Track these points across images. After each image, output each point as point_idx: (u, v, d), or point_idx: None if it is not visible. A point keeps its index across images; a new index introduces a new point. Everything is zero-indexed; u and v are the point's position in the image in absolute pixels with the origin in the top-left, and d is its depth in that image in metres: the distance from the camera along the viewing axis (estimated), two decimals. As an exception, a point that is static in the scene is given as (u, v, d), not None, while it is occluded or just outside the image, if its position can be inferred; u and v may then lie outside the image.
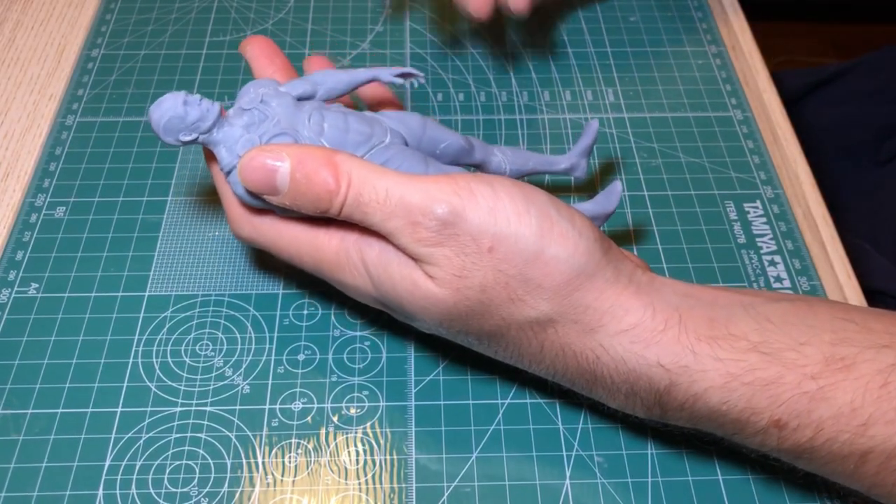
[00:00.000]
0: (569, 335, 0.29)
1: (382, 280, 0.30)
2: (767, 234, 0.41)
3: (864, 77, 0.69)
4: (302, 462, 0.33)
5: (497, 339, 0.30)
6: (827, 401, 0.27)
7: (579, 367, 0.30)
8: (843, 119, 0.67)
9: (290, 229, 0.32)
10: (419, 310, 0.30)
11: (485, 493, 0.32)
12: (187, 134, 0.31)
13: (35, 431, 0.33)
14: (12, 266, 0.39)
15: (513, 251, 0.28)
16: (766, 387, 0.28)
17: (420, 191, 0.28)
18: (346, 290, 0.32)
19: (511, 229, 0.28)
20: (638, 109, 0.47)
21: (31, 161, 0.44)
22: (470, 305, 0.29)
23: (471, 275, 0.28)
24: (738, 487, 0.32)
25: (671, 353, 0.28)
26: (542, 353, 0.30)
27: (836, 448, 0.28)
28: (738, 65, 0.50)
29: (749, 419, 0.28)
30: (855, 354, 0.28)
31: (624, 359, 0.28)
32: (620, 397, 0.30)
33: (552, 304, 0.28)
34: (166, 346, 0.36)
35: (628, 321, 0.28)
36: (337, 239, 0.31)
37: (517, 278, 0.28)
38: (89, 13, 0.53)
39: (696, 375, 0.28)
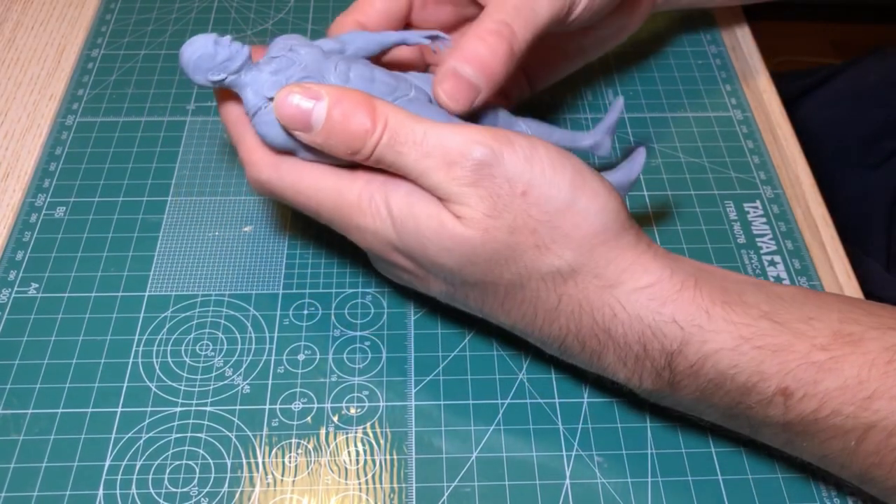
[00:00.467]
0: (588, 289, 0.30)
1: (406, 222, 0.30)
2: (767, 234, 0.41)
3: (854, 80, 0.69)
4: (302, 462, 0.33)
5: (514, 293, 0.30)
6: (834, 372, 0.28)
7: (594, 325, 0.30)
8: (833, 122, 0.67)
9: (313, 171, 0.31)
10: (442, 252, 0.29)
11: (485, 493, 0.32)
12: (216, 73, 0.31)
13: (35, 431, 0.33)
14: (12, 266, 0.39)
15: (545, 198, 0.29)
16: (776, 353, 0.28)
17: (458, 134, 0.29)
18: (363, 237, 0.31)
19: (546, 178, 0.29)
20: (638, 109, 0.47)
21: (32, 161, 0.44)
22: (496, 248, 0.29)
23: (501, 216, 0.29)
24: (738, 487, 0.32)
25: (686, 312, 0.29)
26: (559, 309, 0.30)
27: (839, 422, 0.28)
28: (738, 65, 0.50)
29: (756, 385, 0.28)
30: (862, 332, 0.28)
31: (640, 315, 0.29)
32: (630, 362, 0.30)
33: (576, 255, 0.29)
34: (166, 346, 0.36)
35: (647, 279, 0.29)
36: (361, 182, 0.31)
37: (546, 225, 0.29)
38: (89, 13, 0.53)
39: (709, 336, 0.29)
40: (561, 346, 0.32)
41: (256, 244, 0.40)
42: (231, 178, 0.43)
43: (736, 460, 0.33)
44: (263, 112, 0.31)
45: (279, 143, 0.32)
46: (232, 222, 0.41)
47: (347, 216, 0.31)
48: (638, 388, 0.31)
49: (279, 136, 0.31)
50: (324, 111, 0.30)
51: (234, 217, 0.41)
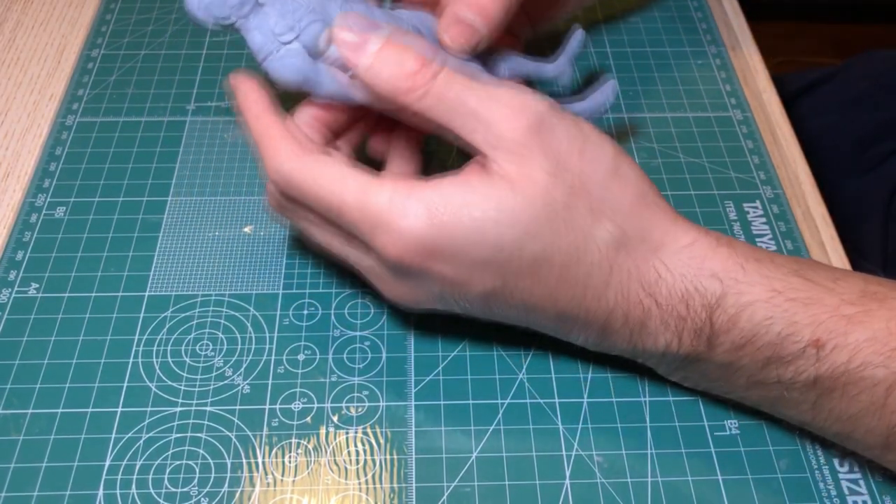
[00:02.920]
0: (637, 254, 0.30)
1: (456, 214, 0.29)
2: (767, 234, 0.41)
3: (848, 83, 0.69)
4: (302, 462, 0.33)
5: (568, 272, 0.30)
6: (863, 324, 0.29)
7: (640, 292, 0.30)
8: (828, 127, 0.67)
9: (339, 167, 0.30)
10: (504, 232, 0.29)
11: (485, 493, 0.32)
12: (225, 17, 0.32)
13: (35, 431, 0.33)
14: (12, 266, 0.39)
15: (598, 158, 0.30)
16: (808, 306, 0.29)
17: (519, 89, 0.30)
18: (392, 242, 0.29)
19: (595, 140, 0.31)
20: (638, 109, 0.47)
21: (32, 161, 0.44)
22: (555, 210, 0.29)
23: (561, 175, 0.29)
24: (738, 487, 0.32)
25: (724, 266, 0.30)
26: (609, 281, 0.30)
27: (868, 373, 0.28)
28: (738, 65, 0.50)
29: (789, 337, 0.29)
30: (886, 291, 0.30)
31: (683, 273, 0.30)
32: (672, 323, 0.30)
33: (626, 220, 0.30)
34: (166, 346, 0.36)
35: (687, 239, 0.31)
36: (389, 187, 0.29)
37: (599, 187, 0.30)
38: (89, 13, 0.53)
39: (745, 287, 0.30)
40: (604, 325, 0.31)
41: (256, 244, 0.40)
42: (231, 178, 0.43)
43: (736, 460, 0.33)
44: (276, 55, 0.32)
45: (296, 81, 0.32)
46: (232, 222, 0.41)
47: (376, 219, 0.29)
48: (674, 355, 0.31)
49: (297, 75, 0.32)
50: (381, 39, 0.30)
51: (234, 217, 0.41)
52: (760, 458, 0.33)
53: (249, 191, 0.43)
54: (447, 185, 0.29)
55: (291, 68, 0.32)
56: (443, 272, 0.30)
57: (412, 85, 0.30)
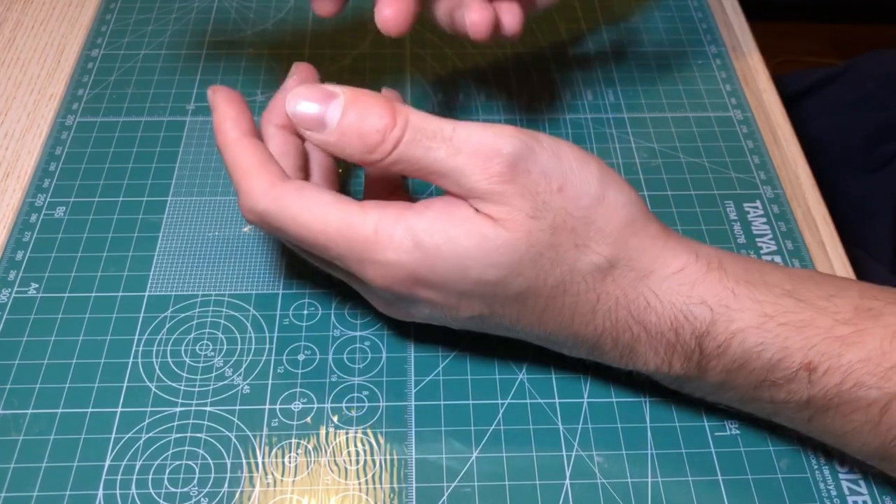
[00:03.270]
0: (624, 282, 0.30)
1: (440, 250, 0.28)
2: (767, 234, 0.41)
3: (852, 84, 0.69)
4: (302, 462, 0.33)
5: (555, 301, 0.30)
6: (857, 345, 0.28)
7: (629, 319, 0.30)
8: (835, 127, 0.67)
9: (319, 202, 0.29)
10: (487, 269, 0.29)
11: (485, 493, 0.32)
12: None
13: (35, 431, 0.33)
14: (12, 266, 0.39)
15: (580, 192, 0.29)
16: (800, 329, 0.29)
17: (485, 131, 0.29)
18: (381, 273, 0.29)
19: (576, 173, 0.29)
20: (638, 109, 0.47)
21: (31, 161, 0.44)
22: (539, 251, 0.29)
23: (542, 216, 0.29)
24: (738, 487, 0.32)
25: (714, 293, 0.30)
26: (596, 309, 0.30)
27: (862, 393, 0.28)
28: (738, 65, 0.50)
29: (781, 361, 0.29)
30: (881, 306, 0.29)
31: (672, 301, 0.30)
32: (662, 349, 0.30)
33: (613, 249, 0.30)
34: (166, 346, 0.36)
35: (676, 264, 0.30)
36: (374, 216, 0.29)
37: (583, 221, 0.29)
38: (89, 13, 0.53)
39: (735, 314, 0.29)
40: (593, 346, 0.31)
41: (256, 244, 0.40)
42: (231, 178, 0.43)
43: (736, 460, 0.33)
44: None
45: None
46: (232, 222, 0.41)
47: (362, 251, 0.29)
48: (666, 375, 0.31)
49: None
50: (339, 110, 0.29)
51: (234, 217, 0.41)
52: (760, 458, 0.33)
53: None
54: (432, 214, 0.29)
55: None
56: (431, 298, 0.30)
57: (378, 154, 0.29)
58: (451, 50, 0.51)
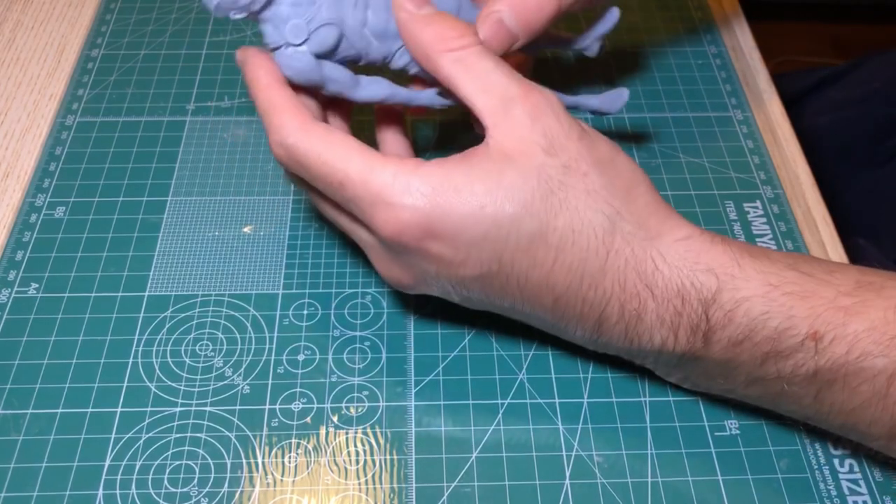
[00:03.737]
0: (634, 241, 0.30)
1: (458, 189, 0.29)
2: (767, 234, 0.41)
3: (861, 80, 0.69)
4: (302, 462, 0.33)
5: (564, 256, 0.30)
6: (860, 315, 0.29)
7: (637, 282, 0.30)
8: (841, 121, 0.67)
9: (344, 142, 0.31)
10: (502, 203, 0.29)
11: (485, 493, 0.32)
12: (238, 12, 0.33)
13: (35, 431, 0.33)
14: (12, 266, 0.39)
15: (595, 147, 0.31)
16: (805, 299, 0.29)
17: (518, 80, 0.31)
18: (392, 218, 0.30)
19: (594, 136, 0.32)
20: (638, 109, 0.47)
21: (31, 161, 0.44)
22: (551, 188, 0.30)
23: (557, 153, 0.30)
24: (738, 487, 0.32)
25: (720, 262, 0.30)
26: (605, 268, 0.30)
27: (868, 363, 0.28)
28: (738, 65, 0.50)
29: (787, 331, 0.29)
30: (882, 281, 0.30)
31: (679, 266, 0.30)
32: (668, 317, 0.30)
33: (622, 204, 0.31)
34: (166, 346, 0.36)
35: (683, 232, 0.31)
36: (394, 164, 0.30)
37: (595, 170, 0.30)
38: (89, 13, 0.53)
39: (741, 283, 0.30)
40: (600, 318, 0.31)
41: (256, 244, 0.40)
42: (231, 178, 0.43)
43: (736, 460, 0.33)
44: (284, 53, 0.32)
45: (300, 82, 0.33)
46: (232, 222, 0.41)
47: (377, 192, 0.30)
48: (670, 353, 0.31)
49: (301, 77, 0.32)
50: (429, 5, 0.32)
51: (234, 217, 0.41)
52: (760, 458, 0.33)
53: (249, 191, 0.43)
54: (450, 164, 0.30)
55: (296, 70, 0.32)
56: (440, 252, 0.30)
57: (448, 46, 0.32)
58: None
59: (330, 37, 0.32)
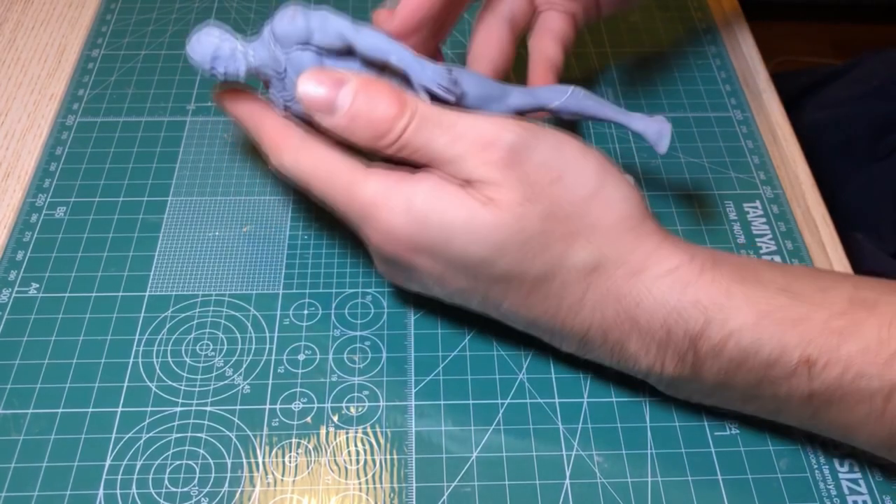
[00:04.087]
0: (615, 277, 0.30)
1: (430, 216, 0.29)
2: (767, 234, 0.41)
3: (861, 78, 0.69)
4: (302, 462, 0.33)
5: (540, 287, 0.30)
6: (854, 336, 0.28)
7: (618, 316, 0.30)
8: (841, 117, 0.67)
9: (330, 162, 0.31)
10: (471, 244, 0.29)
11: (485, 493, 0.32)
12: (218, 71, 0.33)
13: (35, 431, 0.33)
14: (12, 266, 0.39)
15: (576, 184, 0.30)
16: (796, 325, 0.29)
17: (489, 121, 0.30)
18: (377, 234, 0.31)
19: (575, 165, 0.30)
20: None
21: (32, 161, 0.44)
22: (529, 235, 0.29)
23: (535, 202, 0.29)
24: (738, 487, 0.32)
25: (707, 293, 0.29)
26: (584, 301, 0.30)
27: (863, 384, 0.28)
28: (737, 65, 0.50)
29: (780, 359, 0.29)
30: (876, 297, 0.29)
31: (665, 300, 0.29)
32: (653, 348, 0.30)
33: (604, 243, 0.30)
34: (166, 346, 0.36)
35: (670, 264, 0.30)
36: (376, 179, 0.30)
37: (577, 213, 0.30)
38: (89, 13, 0.53)
39: (730, 313, 0.29)
40: (583, 339, 0.31)
41: (256, 244, 0.40)
42: (231, 178, 0.43)
43: (736, 460, 0.33)
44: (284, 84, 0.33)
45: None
46: (232, 222, 0.41)
47: (361, 212, 0.31)
48: (659, 376, 0.31)
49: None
50: (350, 95, 0.30)
51: (234, 217, 0.41)
52: (760, 458, 0.33)
53: (249, 191, 0.43)
54: (427, 184, 0.30)
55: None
56: (423, 264, 0.31)
57: (386, 140, 0.30)
58: (451, 50, 0.51)
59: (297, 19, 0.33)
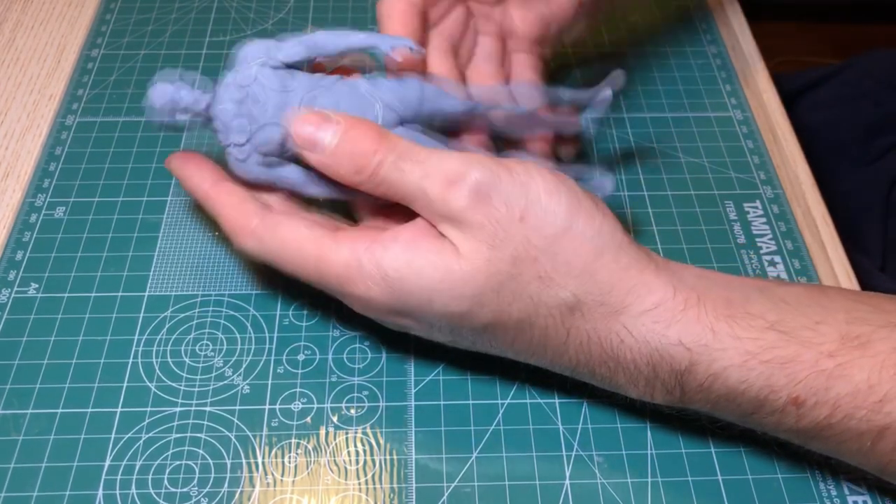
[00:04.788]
0: (594, 318, 0.29)
1: (406, 281, 0.29)
2: (767, 234, 0.41)
3: (851, 80, 0.69)
4: (302, 462, 0.33)
5: (523, 332, 0.30)
6: (844, 378, 0.28)
7: (603, 355, 0.30)
8: (831, 120, 0.67)
9: (295, 237, 0.31)
10: (451, 302, 0.29)
11: (485, 493, 0.32)
12: (183, 114, 0.33)
13: (35, 431, 0.33)
14: (12, 266, 0.39)
15: (543, 223, 0.29)
16: (784, 365, 0.28)
17: (458, 158, 0.30)
18: (356, 303, 0.32)
19: (542, 203, 0.29)
20: (638, 109, 0.47)
21: (31, 161, 0.44)
22: (500, 281, 0.29)
23: (502, 244, 0.29)
24: (738, 487, 0.32)
25: (692, 333, 0.29)
26: (567, 343, 0.30)
27: (852, 425, 0.28)
28: (738, 65, 0.50)
29: (767, 398, 0.28)
30: (870, 333, 0.28)
31: (647, 340, 0.29)
32: (641, 383, 0.30)
33: (580, 283, 0.29)
34: (166, 346, 0.36)
35: (651, 301, 0.29)
36: (346, 247, 0.30)
37: (546, 253, 0.29)
38: (89, 13, 0.53)
39: (716, 354, 0.28)
40: (573, 373, 0.32)
41: (256, 244, 0.40)
42: (231, 178, 0.43)
43: (736, 460, 0.33)
44: (232, 152, 0.33)
45: (251, 178, 0.33)
46: (232, 222, 0.41)
47: (336, 284, 0.31)
48: (651, 402, 0.32)
49: (249, 177, 0.33)
50: (337, 135, 0.30)
51: (233, 217, 0.41)
52: (760, 458, 0.33)
53: (249, 191, 0.43)
54: (399, 247, 0.30)
55: (244, 171, 0.33)
56: (406, 323, 0.32)
57: (363, 175, 0.30)
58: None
59: (275, 135, 0.33)
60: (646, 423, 0.34)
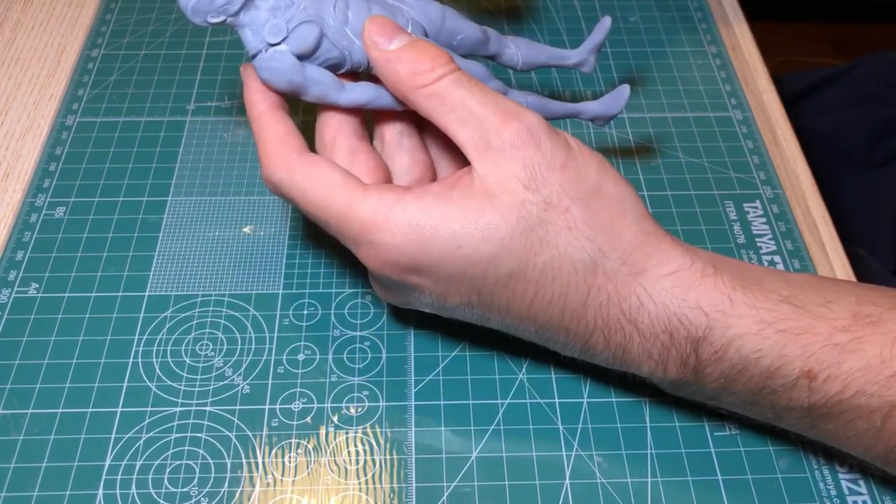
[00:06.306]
0: (617, 277, 0.30)
1: (435, 226, 0.29)
2: (767, 234, 0.41)
3: (857, 82, 0.69)
4: (302, 462, 0.33)
5: (544, 291, 0.30)
6: (856, 353, 0.28)
7: (621, 317, 0.30)
8: (838, 123, 0.67)
9: (326, 180, 0.31)
10: (481, 245, 0.29)
11: (485, 493, 0.32)
12: (215, 16, 0.32)
13: (35, 431, 0.33)
14: (12, 266, 0.39)
15: (580, 176, 0.30)
16: (798, 336, 0.28)
17: (511, 103, 0.31)
18: (376, 254, 0.30)
19: (579, 161, 0.30)
20: (638, 109, 0.47)
21: (32, 161, 0.44)
22: (531, 225, 0.29)
23: (538, 188, 0.29)
24: (738, 487, 0.32)
25: (709, 298, 0.29)
26: (587, 304, 0.30)
27: (863, 401, 0.28)
28: (737, 65, 0.50)
29: (780, 369, 0.29)
30: (880, 313, 0.29)
31: (666, 304, 0.29)
32: (655, 352, 0.30)
33: (607, 239, 0.30)
34: (166, 346, 0.36)
35: (671, 266, 0.30)
36: (375, 198, 0.30)
37: (578, 205, 0.30)
38: (89, 13, 0.53)
39: (732, 320, 0.29)
40: (585, 345, 0.31)
41: (256, 244, 0.40)
42: (231, 178, 0.43)
43: (736, 460, 0.33)
44: (264, 56, 0.32)
45: (282, 86, 0.32)
46: (232, 222, 0.41)
47: (359, 231, 0.30)
48: (661, 379, 0.31)
49: (282, 78, 0.32)
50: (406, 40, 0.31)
51: (234, 217, 0.41)
52: (760, 458, 0.33)
53: (249, 191, 0.43)
54: (429, 197, 0.30)
55: (277, 72, 0.32)
56: (421, 284, 0.31)
57: (423, 78, 0.31)
58: (451, 50, 0.51)
59: (310, 35, 0.32)
60: (646, 423, 0.34)
